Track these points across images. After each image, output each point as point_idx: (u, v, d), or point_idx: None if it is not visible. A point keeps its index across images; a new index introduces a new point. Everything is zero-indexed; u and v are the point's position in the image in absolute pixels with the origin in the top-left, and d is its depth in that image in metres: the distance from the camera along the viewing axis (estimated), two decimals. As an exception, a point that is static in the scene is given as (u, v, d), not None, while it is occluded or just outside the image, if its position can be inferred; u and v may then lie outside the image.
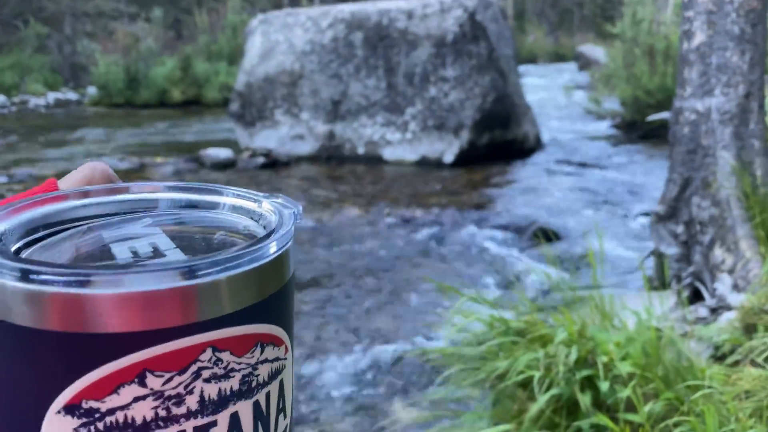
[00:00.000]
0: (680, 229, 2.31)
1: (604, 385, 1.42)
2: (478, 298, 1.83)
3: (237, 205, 0.27)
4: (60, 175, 0.32)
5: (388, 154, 5.90)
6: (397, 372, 2.09)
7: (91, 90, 13.06)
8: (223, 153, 5.66)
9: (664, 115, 6.39)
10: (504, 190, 4.83)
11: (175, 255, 0.22)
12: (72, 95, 14.12)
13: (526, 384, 1.53)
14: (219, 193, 0.28)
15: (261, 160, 5.63)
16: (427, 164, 5.74)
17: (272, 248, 0.21)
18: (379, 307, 2.59)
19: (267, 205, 0.26)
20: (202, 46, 13.54)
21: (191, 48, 12.99)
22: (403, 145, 5.86)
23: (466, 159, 5.69)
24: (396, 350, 2.21)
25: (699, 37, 2.18)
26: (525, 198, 4.50)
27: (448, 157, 5.72)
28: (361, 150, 5.97)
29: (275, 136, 6.23)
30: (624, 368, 1.44)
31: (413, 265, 3.12)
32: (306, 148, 6.12)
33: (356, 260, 3.21)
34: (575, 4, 56.61)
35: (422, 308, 2.59)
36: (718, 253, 2.09)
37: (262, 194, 0.26)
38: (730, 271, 2.02)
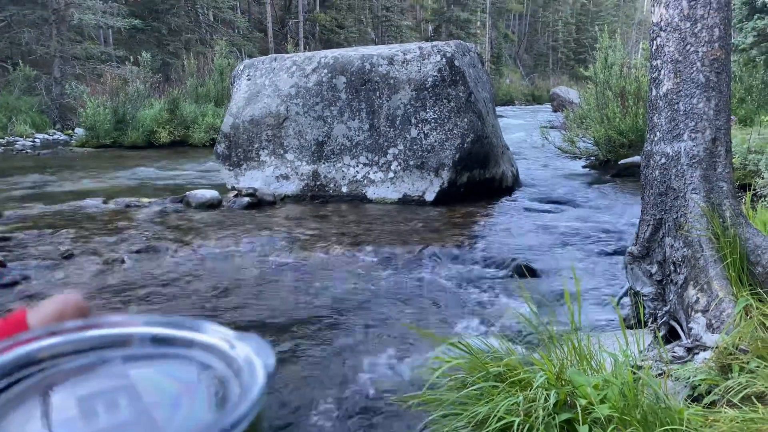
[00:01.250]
0: (654, 268, 2.42)
1: (583, 429, 1.45)
2: (458, 343, 1.86)
3: (211, 345, 0.30)
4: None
5: (371, 193, 6.06)
6: (376, 417, 2.10)
7: (79, 131, 13.19)
8: (209, 193, 5.79)
9: (635, 159, 6.66)
10: (484, 228, 4.98)
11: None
12: (59, 136, 14.24)
13: (506, 429, 1.55)
14: (195, 329, 0.30)
15: (246, 200, 5.76)
16: (409, 203, 5.90)
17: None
18: (358, 351, 2.65)
19: (240, 350, 0.29)
20: (189, 88, 13.79)
21: (179, 90, 13.22)
22: (385, 184, 6.03)
23: (446, 197, 5.87)
24: (374, 395, 2.23)
25: (666, 85, 2.35)
26: (504, 236, 4.65)
27: (430, 196, 5.89)
28: (344, 189, 6.13)
29: (260, 176, 6.38)
30: (603, 411, 1.47)
31: (394, 306, 3.22)
32: (291, 187, 6.27)
33: (337, 301, 3.31)
34: (549, 48, 58.05)
35: (402, 352, 2.62)
36: (692, 292, 2.18)
37: (233, 335, 0.29)
38: (704, 311, 2.10)
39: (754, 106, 8.71)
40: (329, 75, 6.17)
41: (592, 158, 7.98)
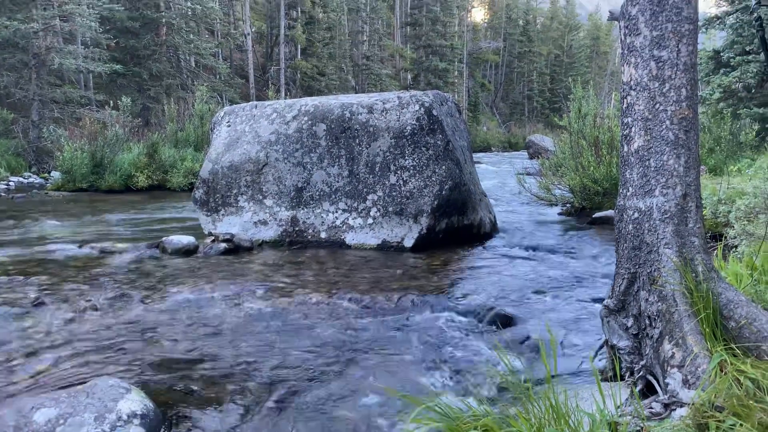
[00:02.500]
0: (630, 322, 2.43)
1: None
2: (434, 406, 1.85)
3: None
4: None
5: (350, 239, 6.05)
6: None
7: (55, 174, 13.07)
8: (185, 239, 5.73)
9: (608, 212, 6.79)
10: (462, 275, 4.99)
11: None
12: (35, 179, 14.08)
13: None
14: None
15: (223, 246, 5.71)
16: (388, 249, 5.90)
17: None
18: (332, 410, 2.59)
19: None
20: (169, 133, 13.82)
21: (158, 135, 13.24)
22: (364, 230, 6.04)
23: (425, 244, 5.88)
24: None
25: (637, 142, 2.41)
26: (482, 283, 4.65)
27: (409, 242, 5.91)
28: (323, 235, 6.12)
29: (238, 222, 6.35)
30: (582, 473, 1.46)
31: (372, 360, 3.18)
32: (269, 233, 6.24)
33: (312, 353, 3.26)
34: (525, 97, 59.70)
35: (379, 413, 2.57)
36: (668, 347, 2.19)
37: None
38: (680, 366, 2.10)
39: (723, 156, 8.97)
40: (309, 122, 6.23)
41: (568, 205, 8.11)
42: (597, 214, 7.10)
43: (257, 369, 2.99)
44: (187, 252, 5.63)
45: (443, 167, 5.95)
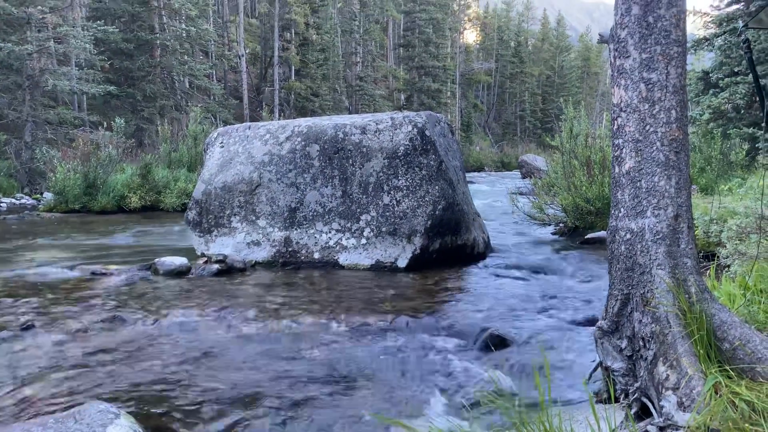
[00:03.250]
0: (624, 343, 2.42)
1: None
2: None
3: None
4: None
5: (343, 259, 6.03)
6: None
7: (48, 195, 13.02)
8: (178, 260, 5.69)
9: (601, 233, 6.80)
10: (456, 295, 4.97)
11: None
12: (27, 200, 14.01)
13: None
14: None
15: (216, 267, 5.68)
16: (381, 269, 5.88)
17: None
18: None
19: None
20: (162, 153, 13.82)
21: (152, 156, 13.23)
22: (358, 251, 6.02)
23: (419, 264, 5.87)
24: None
25: (628, 163, 2.42)
26: (476, 303, 4.64)
27: (402, 262, 5.89)
28: (316, 255, 6.10)
29: (231, 243, 6.32)
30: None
31: (365, 382, 3.14)
32: (262, 254, 6.21)
33: (305, 376, 3.22)
34: (517, 118, 60.16)
35: None
36: (662, 369, 2.17)
37: None
38: (675, 389, 2.09)
39: (713, 175, 9.04)
40: (303, 143, 6.25)
41: (561, 225, 8.12)
42: (589, 235, 7.12)
43: (248, 393, 2.95)
44: (180, 273, 5.59)
45: (436, 187, 5.97)
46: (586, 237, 7.11)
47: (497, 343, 3.62)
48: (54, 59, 19.84)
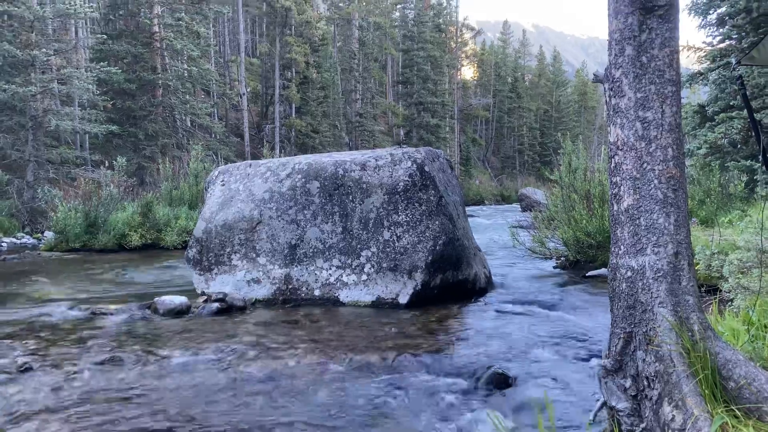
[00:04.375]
0: (628, 383, 2.39)
1: None
2: None
3: None
4: None
5: (344, 296, 6.00)
6: None
7: (48, 235, 13.02)
8: (178, 300, 5.66)
9: (602, 271, 6.79)
10: (458, 333, 4.93)
11: None
12: (28, 240, 14.01)
13: None
14: None
15: (216, 305, 5.64)
16: (382, 305, 5.85)
17: None
18: None
19: None
20: (164, 191, 13.87)
21: (153, 194, 13.28)
22: (358, 287, 5.99)
23: (420, 300, 5.83)
24: None
25: (627, 201, 2.43)
26: (479, 340, 4.59)
27: (403, 299, 5.86)
28: (317, 292, 6.07)
29: (231, 281, 6.30)
30: None
31: (367, 426, 3.10)
32: (262, 291, 6.18)
33: (304, 418, 3.18)
34: (516, 151, 60.65)
35: None
36: (667, 409, 2.14)
37: None
38: (681, 429, 2.06)
39: (713, 207, 9.06)
40: (303, 180, 6.28)
41: (563, 259, 8.10)
42: (590, 273, 7.10)
43: (249, 436, 2.90)
44: (180, 312, 5.55)
45: (437, 222, 5.97)
46: (587, 274, 7.09)
47: (501, 381, 3.58)
48: (57, 100, 20.10)
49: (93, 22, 26.31)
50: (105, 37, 22.09)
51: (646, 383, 2.25)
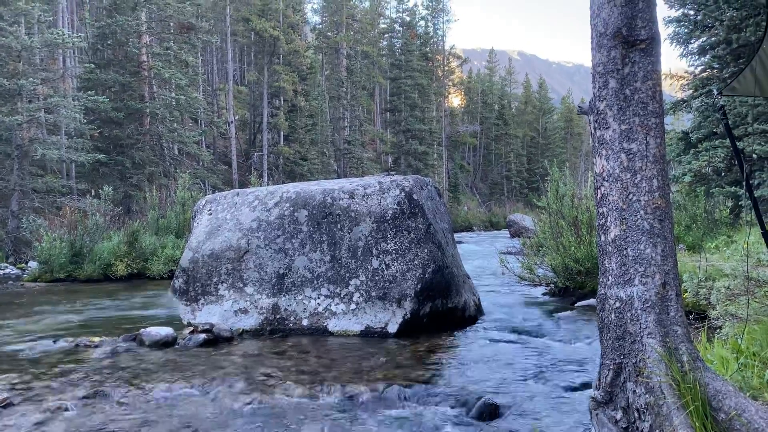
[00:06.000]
0: (619, 415, 2.37)
1: None
2: None
3: None
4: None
5: (332, 325, 5.94)
6: None
7: (33, 265, 12.84)
8: (163, 331, 5.58)
9: (591, 301, 6.80)
10: (449, 362, 4.89)
11: None
12: (11, 270, 13.81)
13: None
14: None
15: (202, 336, 5.56)
16: (371, 335, 5.80)
17: None
18: None
19: None
20: (150, 220, 13.78)
21: (139, 222, 13.18)
22: (347, 316, 5.94)
23: (410, 329, 5.79)
24: None
25: (614, 231, 2.44)
26: (469, 370, 4.56)
27: (392, 328, 5.81)
28: (305, 322, 6.01)
29: (218, 311, 6.22)
30: None
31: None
32: (249, 321, 6.11)
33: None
34: (503, 178, 61.16)
35: None
36: (659, 443, 2.12)
37: None
38: (674, 463, 2.03)
39: (700, 233, 9.14)
40: (291, 209, 6.27)
41: (552, 285, 8.11)
42: (579, 303, 7.11)
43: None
44: (165, 344, 5.47)
45: (425, 250, 5.97)
46: (575, 305, 7.09)
47: (491, 412, 3.54)
48: (44, 128, 20.03)
49: (81, 51, 26.40)
50: (93, 66, 22.13)
51: (636, 415, 2.23)
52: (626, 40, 2.37)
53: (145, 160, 22.82)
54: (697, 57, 11.67)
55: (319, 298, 6.05)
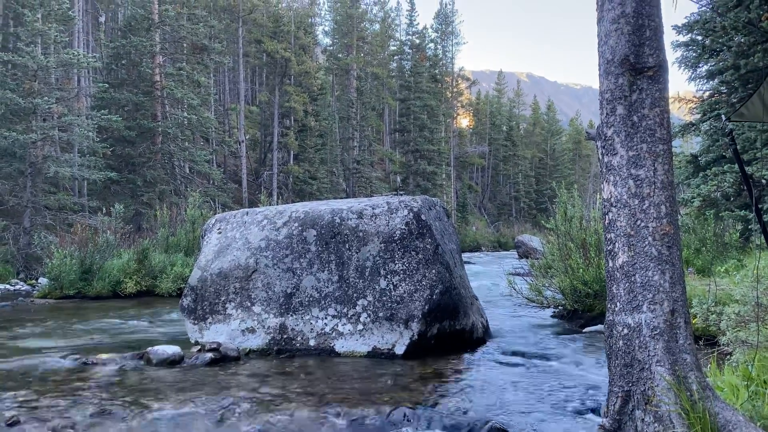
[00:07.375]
0: None
1: None
2: None
3: None
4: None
5: (339, 346, 5.92)
6: None
7: (43, 281, 12.93)
8: (171, 349, 5.58)
9: (599, 327, 6.76)
10: (456, 385, 4.86)
11: None
12: (22, 286, 13.90)
13: None
14: None
15: (209, 355, 5.56)
16: (378, 356, 5.77)
17: None
18: None
19: None
20: (160, 238, 13.86)
21: (149, 240, 13.27)
22: (354, 337, 5.93)
23: (417, 350, 5.76)
24: None
25: (622, 257, 2.43)
26: (477, 393, 4.53)
27: (400, 349, 5.79)
28: (312, 342, 5.99)
29: (226, 330, 6.23)
30: None
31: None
32: (257, 341, 6.11)
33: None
34: (512, 198, 61.10)
35: None
36: (671, 474, 2.08)
37: None
38: (685, 494, 1.99)
39: (709, 256, 9.07)
40: (300, 228, 6.29)
41: (560, 307, 8.05)
42: (587, 329, 7.06)
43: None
44: (172, 362, 5.47)
45: (433, 271, 5.96)
46: (584, 330, 7.04)
47: (499, 437, 3.51)
48: (57, 146, 20.29)
49: (96, 71, 26.80)
50: (107, 85, 22.46)
51: (646, 445, 2.21)
52: (634, 67, 2.39)
53: (157, 179, 23.02)
54: (705, 81, 11.69)
55: (326, 318, 6.04)
